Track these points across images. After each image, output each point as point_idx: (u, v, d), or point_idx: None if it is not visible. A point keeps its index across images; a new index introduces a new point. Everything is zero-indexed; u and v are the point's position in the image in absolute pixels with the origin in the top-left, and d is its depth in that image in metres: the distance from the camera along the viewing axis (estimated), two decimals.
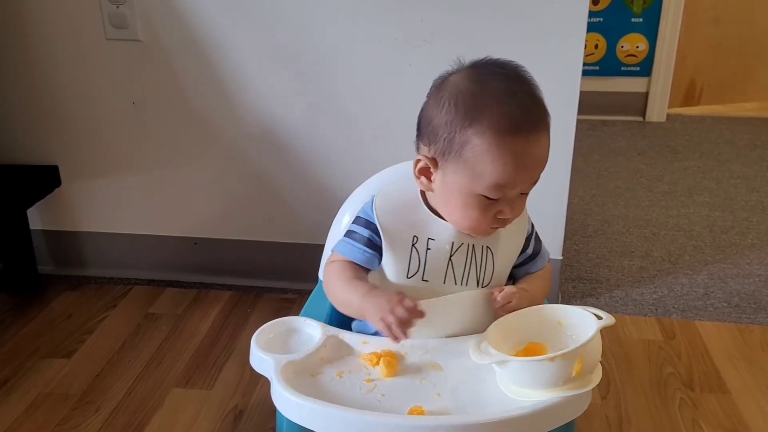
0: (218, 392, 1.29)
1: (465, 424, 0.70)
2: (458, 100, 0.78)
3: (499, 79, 0.78)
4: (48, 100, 1.58)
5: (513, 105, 0.76)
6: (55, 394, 1.28)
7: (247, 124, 1.55)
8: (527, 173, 0.78)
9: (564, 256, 1.59)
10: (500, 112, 0.76)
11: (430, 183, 0.84)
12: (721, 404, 1.26)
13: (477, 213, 0.81)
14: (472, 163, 0.77)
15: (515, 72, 0.80)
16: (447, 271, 0.84)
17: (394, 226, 0.85)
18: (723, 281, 1.71)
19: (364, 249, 0.86)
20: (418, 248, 0.85)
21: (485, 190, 0.78)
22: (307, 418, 0.73)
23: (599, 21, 3.09)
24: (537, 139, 0.77)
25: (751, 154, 2.69)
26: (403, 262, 0.85)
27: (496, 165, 0.76)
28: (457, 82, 0.80)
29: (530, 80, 0.81)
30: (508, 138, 0.75)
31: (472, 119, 0.76)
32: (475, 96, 0.77)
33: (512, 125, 0.75)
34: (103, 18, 1.49)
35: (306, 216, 1.60)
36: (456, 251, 0.85)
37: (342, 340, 0.85)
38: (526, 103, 0.77)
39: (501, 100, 0.76)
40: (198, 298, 1.63)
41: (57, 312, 1.57)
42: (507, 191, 0.79)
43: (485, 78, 0.79)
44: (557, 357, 0.70)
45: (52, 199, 1.66)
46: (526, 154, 0.77)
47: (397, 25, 1.42)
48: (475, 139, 0.76)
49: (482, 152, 0.76)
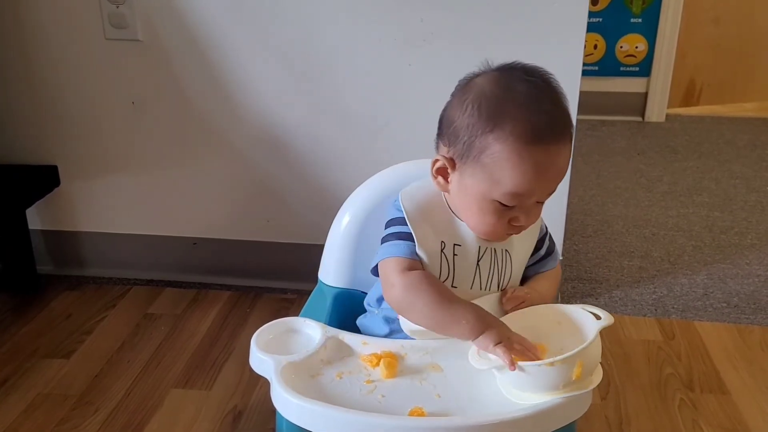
0: (217, 393, 1.29)
1: (465, 425, 0.70)
2: (482, 104, 0.77)
3: (526, 85, 0.77)
4: (47, 100, 1.58)
5: (537, 113, 0.75)
6: (54, 395, 1.28)
7: (246, 124, 1.55)
8: (546, 183, 0.78)
9: (563, 256, 1.59)
10: (524, 120, 0.74)
11: (447, 184, 0.83)
12: (721, 405, 1.26)
13: (492, 218, 0.80)
14: (491, 169, 0.76)
15: (543, 79, 0.79)
16: (474, 276, 0.84)
17: (424, 232, 0.84)
18: (722, 281, 1.71)
19: (413, 243, 0.83)
20: (446, 254, 0.84)
21: (502, 197, 0.77)
22: (306, 419, 0.73)
23: (598, 21, 3.09)
24: (558, 150, 0.77)
25: (751, 155, 2.69)
26: (434, 269, 0.83)
27: (515, 173, 0.75)
28: (482, 84, 0.79)
29: (557, 89, 0.79)
30: (529, 147, 0.74)
31: (495, 124, 0.75)
32: (499, 101, 0.77)
33: (535, 134, 0.74)
34: (102, 18, 1.49)
35: (306, 216, 1.59)
36: (482, 256, 0.84)
37: (342, 341, 0.85)
38: (550, 112, 0.76)
39: (525, 107, 0.75)
40: (197, 299, 1.62)
41: (56, 312, 1.57)
42: (524, 199, 0.78)
43: (511, 83, 0.78)
44: (557, 362, 0.70)
45: (51, 199, 1.66)
46: (546, 164, 0.76)
47: (397, 25, 1.42)
48: (496, 145, 0.75)
49: (502, 159, 0.75)
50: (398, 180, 0.96)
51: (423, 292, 0.80)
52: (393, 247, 0.83)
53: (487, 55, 1.41)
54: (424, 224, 0.84)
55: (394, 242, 0.84)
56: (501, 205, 0.78)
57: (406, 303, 0.82)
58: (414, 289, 0.81)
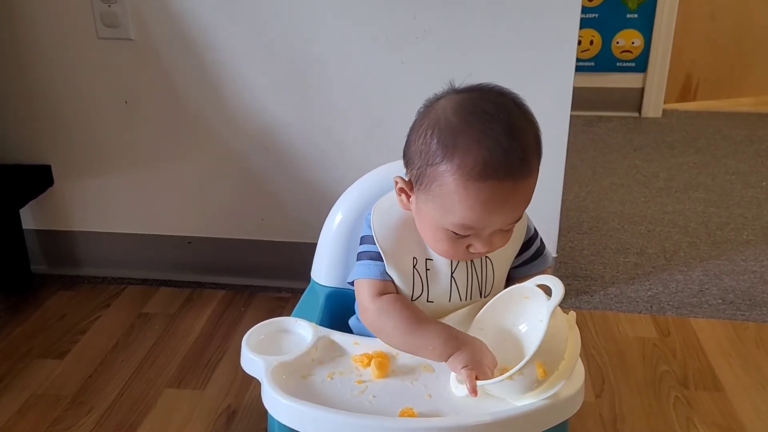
0: (211, 392, 1.29)
1: (456, 425, 0.70)
2: (435, 132, 0.75)
3: (484, 117, 0.73)
4: (40, 100, 1.57)
5: (489, 149, 0.71)
6: (47, 395, 1.28)
7: (239, 123, 1.54)
8: (500, 217, 0.75)
9: (558, 253, 1.59)
10: (473, 155, 0.71)
11: (408, 203, 0.82)
12: (716, 402, 1.25)
13: (447, 245, 0.79)
14: (441, 200, 0.75)
15: (506, 108, 0.75)
16: (451, 289, 0.84)
17: (394, 249, 0.83)
18: (718, 278, 1.71)
19: (383, 263, 0.83)
20: (419, 270, 0.83)
21: (453, 227, 0.76)
22: (297, 420, 0.73)
23: (594, 17, 3.09)
24: (513, 186, 0.73)
25: (747, 150, 2.69)
26: (407, 286, 0.83)
27: (462, 207, 0.73)
28: (441, 110, 0.76)
29: (521, 119, 0.76)
30: (477, 183, 0.72)
31: (444, 156, 0.73)
32: (452, 132, 0.73)
33: (482, 170, 0.71)
34: (94, 17, 1.48)
35: (299, 215, 1.59)
36: (456, 269, 0.84)
37: (333, 341, 0.84)
38: (506, 147, 0.71)
39: (477, 142, 0.72)
40: (191, 298, 1.62)
41: (50, 312, 1.56)
42: (477, 231, 0.76)
43: (469, 113, 0.74)
44: (514, 374, 0.69)
45: (45, 198, 1.65)
46: (497, 200, 0.73)
47: (390, 23, 1.42)
48: (444, 177, 0.73)
49: (450, 192, 0.73)
50: (390, 179, 0.95)
51: (392, 318, 0.81)
52: (365, 268, 0.84)
53: (480, 53, 1.42)
54: (393, 242, 0.83)
55: (366, 263, 0.84)
56: (454, 234, 0.77)
57: (377, 327, 0.83)
58: (384, 315, 0.82)
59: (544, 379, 0.70)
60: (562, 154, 1.48)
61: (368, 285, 0.84)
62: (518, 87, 1.42)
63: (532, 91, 1.43)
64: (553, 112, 1.44)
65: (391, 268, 0.83)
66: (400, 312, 0.81)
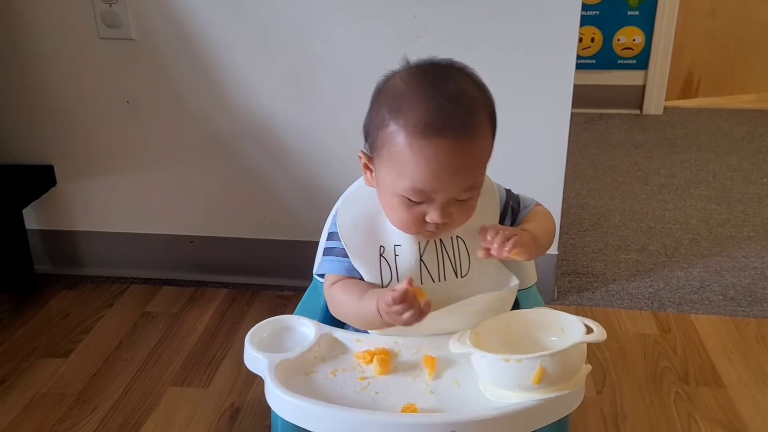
0: (214, 391, 1.29)
1: (458, 421, 0.70)
2: (385, 100, 0.78)
3: (430, 81, 0.76)
4: (42, 100, 1.58)
5: (431, 108, 0.73)
6: (52, 394, 1.29)
7: (241, 122, 1.55)
8: (448, 179, 0.75)
9: (560, 250, 1.59)
10: (417, 114, 0.74)
11: (372, 180, 0.83)
12: (716, 398, 1.26)
13: (402, 213, 0.79)
14: (392, 163, 0.76)
15: (452, 75, 0.78)
16: (421, 272, 0.83)
17: (358, 241, 0.84)
18: (719, 274, 1.71)
19: (349, 260, 0.85)
20: (387, 257, 0.83)
21: (404, 191, 0.77)
22: (300, 417, 0.74)
23: (595, 14, 3.09)
24: (457, 146, 0.74)
25: (749, 147, 2.69)
26: (375, 275, 0.84)
27: (410, 166, 0.74)
28: (392, 82, 0.79)
29: (469, 85, 0.78)
30: (421, 140, 0.73)
31: (391, 119, 0.76)
32: (399, 96, 0.76)
33: (425, 127, 0.73)
34: (95, 17, 1.48)
35: (301, 213, 1.60)
36: (425, 251, 0.83)
37: (336, 339, 0.85)
38: (447, 108, 0.74)
39: (421, 102, 0.74)
40: (194, 297, 1.63)
41: (54, 311, 1.57)
42: (429, 195, 0.77)
43: (415, 79, 0.77)
44: (512, 360, 0.69)
45: (48, 198, 1.66)
46: (441, 158, 0.74)
47: (390, 22, 1.42)
48: (393, 139, 0.75)
49: (398, 152, 0.75)
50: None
51: (342, 302, 0.84)
52: (328, 264, 0.87)
53: (481, 51, 1.42)
54: (358, 236, 0.84)
55: (330, 258, 0.86)
56: (408, 200, 0.77)
57: (338, 314, 0.87)
58: (335, 303, 0.86)
59: (535, 384, 0.70)
60: (563, 151, 1.48)
61: (327, 280, 0.87)
62: (519, 85, 1.44)
63: (533, 88, 1.45)
64: (554, 109, 1.45)
65: (357, 263, 0.84)
66: (344, 296, 0.84)
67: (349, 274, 0.85)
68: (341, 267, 0.85)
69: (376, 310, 0.78)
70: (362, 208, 0.86)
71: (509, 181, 1.05)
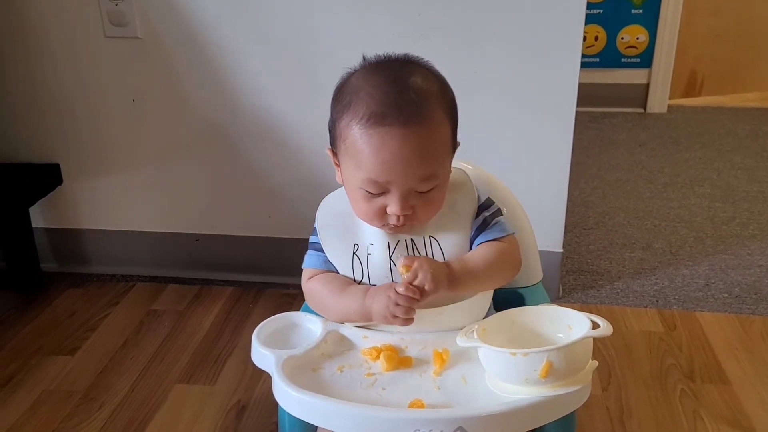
0: (221, 388, 1.30)
1: (465, 416, 0.70)
2: (340, 95, 0.80)
3: (381, 74, 0.78)
4: (48, 99, 1.59)
5: (378, 98, 0.75)
6: (59, 391, 1.29)
7: (246, 120, 1.55)
8: (399, 169, 0.76)
9: (565, 248, 1.59)
10: (365, 104, 0.76)
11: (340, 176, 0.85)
12: (722, 395, 1.26)
13: (364, 206, 0.80)
14: (350, 156, 0.78)
15: (404, 68, 0.80)
16: (391, 271, 0.83)
17: (335, 238, 0.86)
18: (724, 272, 1.71)
19: (325, 255, 0.86)
20: (359, 255, 0.84)
21: (362, 184, 0.78)
22: (308, 413, 0.74)
23: (599, 13, 3.08)
24: (405, 133, 0.74)
25: (753, 145, 2.69)
26: (347, 272, 0.85)
27: (363, 157, 0.76)
28: (348, 79, 0.82)
29: (422, 76, 0.79)
30: (369, 129, 0.75)
31: (344, 112, 0.78)
32: (351, 91, 0.79)
33: (371, 117, 0.75)
34: (102, 16, 1.49)
35: (306, 211, 1.58)
36: (394, 251, 0.84)
37: (342, 335, 0.85)
38: (394, 96, 0.75)
39: (369, 93, 0.76)
40: (200, 294, 1.63)
41: (60, 309, 1.58)
42: (385, 186, 0.77)
43: (367, 74, 0.80)
44: (519, 353, 0.70)
45: (54, 197, 1.67)
46: (391, 147, 0.75)
47: (395, 20, 1.42)
48: (346, 132, 0.78)
49: (352, 143, 0.77)
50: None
51: (320, 295, 0.86)
52: (309, 258, 0.88)
53: (485, 50, 1.42)
54: (335, 232, 0.86)
55: (310, 253, 0.88)
56: (368, 192, 0.79)
57: (314, 306, 0.88)
58: (313, 295, 0.87)
59: (542, 379, 0.70)
60: (568, 149, 1.48)
61: (305, 273, 0.89)
62: (524, 83, 1.44)
63: (538, 87, 1.45)
64: (559, 108, 1.45)
65: (332, 257, 0.86)
66: (323, 288, 0.85)
67: (326, 267, 0.86)
68: (319, 261, 0.87)
69: (360, 304, 0.80)
70: (340, 206, 0.87)
71: (514, 180, 1.06)
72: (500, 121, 1.46)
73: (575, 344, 0.71)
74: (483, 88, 1.44)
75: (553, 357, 0.69)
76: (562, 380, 0.71)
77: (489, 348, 0.73)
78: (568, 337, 0.77)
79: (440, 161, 0.80)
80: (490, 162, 1.07)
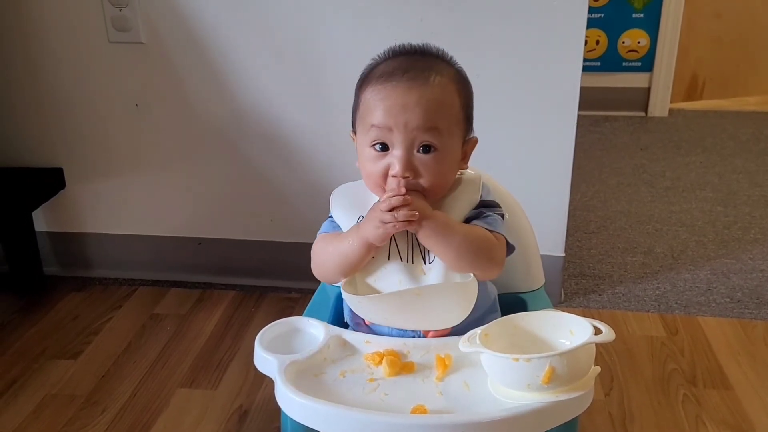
0: (223, 392, 1.30)
1: (467, 422, 0.70)
2: (363, 76, 0.88)
3: (397, 52, 0.87)
4: (52, 103, 1.59)
5: (393, 64, 0.84)
6: (61, 395, 1.30)
7: (249, 125, 1.56)
8: (401, 115, 0.81)
9: (566, 252, 1.59)
10: (379, 70, 0.84)
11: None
12: (724, 400, 1.26)
13: (371, 168, 0.84)
14: (361, 116, 0.85)
15: (420, 46, 0.87)
16: (390, 246, 0.85)
17: (341, 210, 0.90)
18: (726, 276, 1.71)
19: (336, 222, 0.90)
20: None
21: (369, 137, 0.83)
22: (310, 418, 0.74)
23: (600, 17, 3.09)
24: (410, 86, 0.81)
25: (754, 149, 2.69)
26: None
27: (370, 108, 0.83)
28: (371, 64, 0.89)
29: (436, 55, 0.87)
30: (377, 86, 0.83)
31: (362, 85, 0.86)
32: (372, 67, 0.87)
33: (381, 76, 0.83)
34: (105, 21, 1.50)
35: (309, 215, 1.60)
36: None
37: (345, 340, 0.85)
38: (408, 63, 0.83)
39: (385, 62, 0.85)
40: (202, 299, 1.64)
41: (63, 313, 1.58)
42: (390, 139, 0.82)
43: (392, 58, 0.87)
44: (522, 359, 0.70)
45: (57, 201, 1.67)
46: (394, 97, 0.81)
47: (398, 25, 1.43)
48: (361, 98, 0.86)
49: (364, 104, 0.84)
50: None
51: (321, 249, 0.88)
52: (323, 227, 0.92)
53: (488, 55, 1.43)
54: (344, 202, 0.91)
55: (325, 222, 0.93)
56: (375, 151, 0.83)
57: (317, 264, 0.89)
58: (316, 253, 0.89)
59: (545, 384, 0.70)
60: (569, 154, 1.48)
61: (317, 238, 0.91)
62: (526, 88, 1.45)
63: (540, 91, 1.45)
64: (561, 112, 1.45)
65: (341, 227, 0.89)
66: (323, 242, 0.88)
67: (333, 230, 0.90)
68: (330, 227, 0.90)
69: (354, 236, 0.82)
70: (357, 186, 0.92)
71: (516, 184, 1.06)
72: (502, 124, 1.46)
73: (578, 350, 0.71)
74: (485, 93, 1.42)
75: (555, 363, 0.69)
76: (565, 386, 0.71)
77: (491, 353, 0.73)
78: (570, 342, 0.77)
79: (443, 120, 0.83)
80: (492, 166, 1.07)
